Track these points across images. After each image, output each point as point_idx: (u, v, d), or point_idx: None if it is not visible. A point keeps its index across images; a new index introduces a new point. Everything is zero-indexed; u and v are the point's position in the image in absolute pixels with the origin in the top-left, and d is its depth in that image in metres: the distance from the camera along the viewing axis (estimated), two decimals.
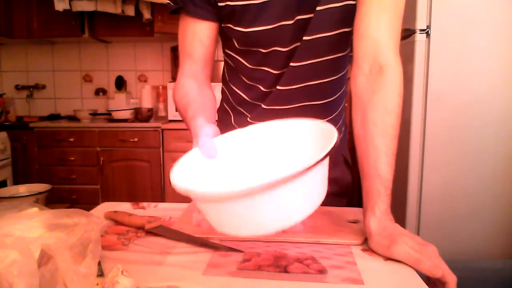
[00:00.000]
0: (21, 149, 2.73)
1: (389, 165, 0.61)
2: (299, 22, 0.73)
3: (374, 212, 0.60)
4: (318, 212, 0.75)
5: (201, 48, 0.80)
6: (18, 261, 0.36)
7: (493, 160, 1.72)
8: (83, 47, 3.24)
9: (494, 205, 1.73)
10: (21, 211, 0.49)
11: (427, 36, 1.71)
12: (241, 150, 0.62)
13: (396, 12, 0.67)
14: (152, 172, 2.68)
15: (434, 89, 1.72)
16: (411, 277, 0.52)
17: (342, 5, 0.71)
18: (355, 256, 0.58)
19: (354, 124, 0.67)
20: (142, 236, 0.66)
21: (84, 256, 0.44)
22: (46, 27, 2.88)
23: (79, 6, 2.68)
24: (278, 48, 0.77)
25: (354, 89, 0.68)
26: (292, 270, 0.53)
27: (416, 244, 0.55)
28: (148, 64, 3.23)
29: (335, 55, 0.78)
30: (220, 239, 0.63)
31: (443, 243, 0.84)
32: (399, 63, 0.66)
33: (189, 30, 0.79)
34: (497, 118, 1.70)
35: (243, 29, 0.75)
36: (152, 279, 0.50)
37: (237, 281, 0.50)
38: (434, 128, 1.74)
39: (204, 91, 0.78)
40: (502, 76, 1.69)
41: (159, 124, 2.66)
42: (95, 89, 3.26)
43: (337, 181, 0.93)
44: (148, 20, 2.79)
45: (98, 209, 0.80)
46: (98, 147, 2.71)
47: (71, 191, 2.75)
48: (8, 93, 3.23)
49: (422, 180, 1.77)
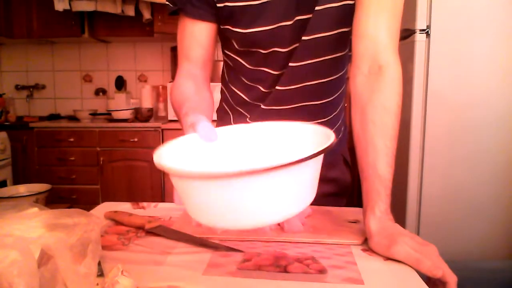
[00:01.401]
0: (21, 149, 2.73)
1: (389, 165, 0.61)
2: (299, 22, 0.73)
3: (374, 212, 0.60)
4: (318, 212, 0.75)
5: (199, 49, 0.79)
6: (18, 261, 0.36)
7: (493, 160, 1.72)
8: (83, 47, 3.24)
9: (494, 205, 1.73)
10: (21, 211, 0.49)
11: (427, 36, 1.71)
12: (236, 146, 0.60)
13: (395, 11, 0.67)
14: (152, 172, 2.68)
15: (434, 89, 1.72)
16: (411, 277, 0.52)
17: (341, 4, 0.71)
18: (355, 256, 0.58)
19: (354, 124, 0.67)
20: (142, 236, 0.66)
21: (84, 256, 0.44)
22: (46, 27, 2.88)
23: (79, 6, 2.68)
24: (278, 48, 0.77)
25: (353, 89, 0.68)
26: (292, 270, 0.53)
27: (416, 244, 0.55)
28: (148, 64, 3.23)
29: (334, 55, 0.78)
30: (220, 239, 0.63)
31: (443, 243, 0.85)
32: (398, 63, 0.67)
33: (187, 31, 0.79)
34: (497, 118, 1.70)
35: (242, 30, 0.75)
36: (152, 279, 0.50)
37: (237, 281, 0.50)
38: (434, 128, 1.74)
39: (201, 92, 0.77)
40: (502, 76, 1.69)
41: (159, 124, 2.66)
42: (95, 89, 3.26)
43: (336, 181, 0.93)
44: (148, 20, 2.79)
45: (98, 209, 0.80)
46: (98, 147, 2.71)
47: (71, 191, 2.75)
48: (8, 93, 3.23)
49: (422, 180, 1.77)
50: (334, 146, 0.46)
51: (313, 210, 0.74)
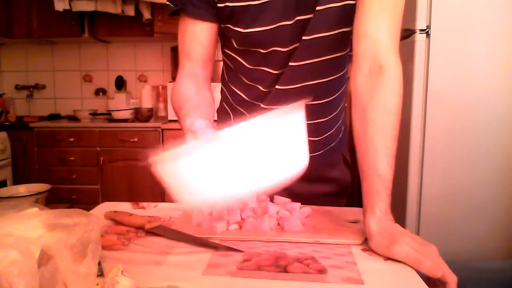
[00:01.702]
0: (21, 149, 2.73)
1: (389, 165, 0.61)
2: (299, 22, 0.73)
3: (374, 212, 0.60)
4: (318, 212, 0.75)
5: (200, 49, 0.80)
6: (18, 261, 0.36)
7: (493, 160, 1.72)
8: (83, 47, 3.24)
9: (494, 205, 1.73)
10: (21, 211, 0.49)
11: (427, 36, 1.71)
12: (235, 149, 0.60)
13: (396, 12, 0.67)
14: (152, 172, 2.68)
15: (434, 89, 1.72)
16: (411, 277, 0.52)
17: (342, 4, 0.71)
18: (355, 256, 0.58)
19: (354, 124, 0.67)
20: (142, 236, 0.66)
21: (84, 256, 0.44)
22: (46, 27, 2.88)
23: (79, 6, 2.68)
24: (278, 48, 0.77)
25: (353, 89, 0.68)
26: (292, 270, 0.53)
27: (416, 244, 0.55)
28: (148, 64, 3.23)
29: (334, 54, 0.78)
30: (220, 239, 0.63)
31: (443, 243, 0.84)
32: (398, 63, 0.67)
33: (188, 31, 0.79)
34: (497, 118, 1.70)
35: (243, 29, 0.75)
36: (152, 279, 0.50)
37: (237, 281, 0.50)
38: (434, 128, 1.74)
39: (202, 92, 0.78)
40: (502, 76, 1.69)
41: (159, 124, 2.66)
42: (95, 89, 3.26)
43: (336, 181, 0.93)
44: (148, 20, 2.79)
45: (98, 209, 0.80)
46: (98, 147, 2.71)
47: (71, 191, 2.75)
48: (8, 93, 3.23)
49: (422, 180, 1.77)
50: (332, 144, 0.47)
51: (313, 210, 0.74)
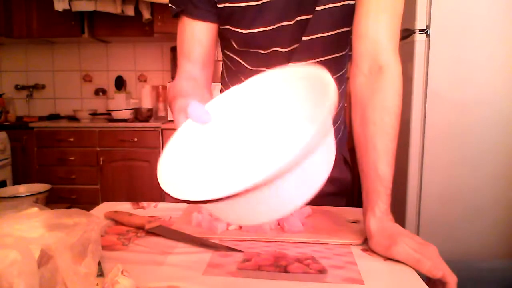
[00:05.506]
0: (21, 149, 2.73)
1: (389, 165, 0.61)
2: (299, 22, 0.73)
3: (374, 212, 0.60)
4: (318, 212, 0.75)
5: (200, 49, 0.78)
6: (18, 261, 0.36)
7: (493, 160, 1.72)
8: (82, 47, 3.24)
9: (494, 205, 1.73)
10: (21, 211, 0.49)
11: (427, 36, 1.71)
12: (230, 120, 0.58)
13: (395, 12, 0.67)
14: (152, 172, 2.67)
15: (433, 89, 1.72)
16: (411, 277, 0.52)
17: (342, 5, 0.71)
18: (355, 256, 0.58)
19: (354, 124, 0.67)
20: (142, 236, 0.66)
21: (84, 256, 0.44)
22: (46, 27, 2.88)
23: (79, 6, 2.68)
24: (278, 48, 0.77)
25: (353, 89, 0.68)
26: (292, 270, 0.53)
27: (416, 244, 0.55)
28: (147, 64, 3.23)
29: (334, 55, 0.78)
30: (220, 239, 0.63)
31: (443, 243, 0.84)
32: (398, 63, 0.66)
33: (188, 31, 0.78)
34: (497, 118, 1.70)
35: (243, 30, 0.75)
36: (152, 279, 0.50)
37: (237, 281, 0.50)
38: (433, 128, 1.74)
39: (200, 91, 0.76)
40: (502, 76, 1.69)
41: (159, 124, 2.66)
42: (95, 89, 3.26)
43: (336, 181, 0.93)
44: (148, 20, 2.79)
45: (98, 209, 0.80)
46: (98, 147, 2.71)
47: (71, 191, 2.75)
48: (8, 93, 3.23)
49: (422, 180, 1.77)
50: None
51: (313, 210, 0.74)
